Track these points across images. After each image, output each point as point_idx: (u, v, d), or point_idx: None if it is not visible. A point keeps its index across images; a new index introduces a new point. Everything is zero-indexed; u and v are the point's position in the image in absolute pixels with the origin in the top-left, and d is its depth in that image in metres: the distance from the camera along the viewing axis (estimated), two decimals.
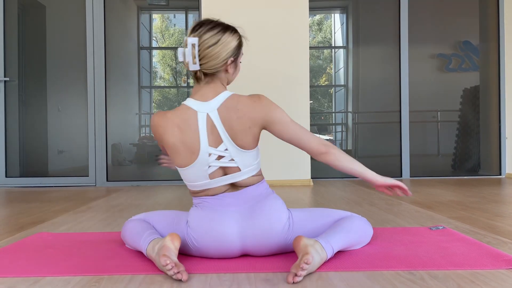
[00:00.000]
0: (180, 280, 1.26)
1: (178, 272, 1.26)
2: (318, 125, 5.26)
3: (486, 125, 4.84)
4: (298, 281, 1.23)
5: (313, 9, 5.13)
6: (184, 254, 1.51)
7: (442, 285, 1.19)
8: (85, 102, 4.41)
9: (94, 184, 4.37)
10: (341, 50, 5.22)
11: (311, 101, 5.01)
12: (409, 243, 1.65)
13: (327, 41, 5.43)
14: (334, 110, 5.30)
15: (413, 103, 4.70)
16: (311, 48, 5.00)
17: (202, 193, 1.52)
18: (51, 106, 4.57)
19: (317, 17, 5.35)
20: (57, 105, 4.57)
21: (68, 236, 1.90)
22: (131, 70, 4.81)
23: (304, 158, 3.96)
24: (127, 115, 4.71)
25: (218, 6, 4.15)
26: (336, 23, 5.29)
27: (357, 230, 1.54)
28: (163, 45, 5.08)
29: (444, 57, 4.79)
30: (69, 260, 1.49)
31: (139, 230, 1.57)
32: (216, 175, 1.49)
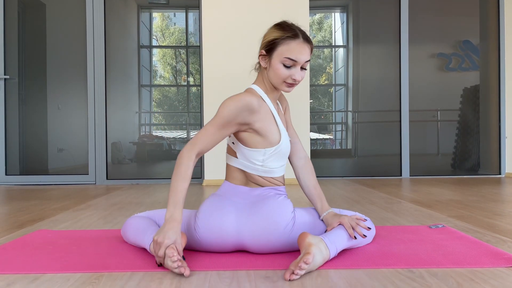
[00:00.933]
0: (182, 275, 1.27)
1: (182, 266, 1.26)
2: (318, 124, 5.26)
3: (486, 125, 4.84)
4: (295, 279, 1.23)
5: (314, 8, 5.13)
6: (187, 249, 1.51)
7: (441, 283, 1.19)
8: (85, 101, 4.41)
9: (94, 182, 4.37)
10: (341, 49, 5.22)
11: (311, 100, 5.01)
12: (409, 242, 1.65)
13: (327, 40, 5.42)
14: (334, 109, 5.29)
15: (413, 103, 4.70)
16: None
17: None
18: (51, 104, 4.57)
19: (317, 16, 5.34)
20: (57, 103, 4.57)
21: (67, 234, 1.90)
22: (131, 68, 4.80)
23: None
24: (127, 114, 4.71)
25: (219, 5, 4.15)
26: (336, 22, 5.29)
27: (361, 231, 1.54)
28: (163, 44, 5.08)
29: (444, 56, 4.79)
30: (68, 257, 1.49)
31: (143, 227, 1.57)
32: None
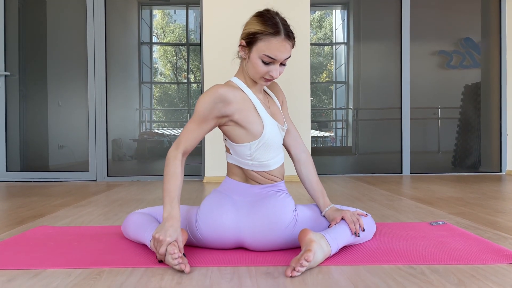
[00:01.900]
0: (182, 272, 1.27)
1: (182, 263, 1.26)
2: (319, 121, 5.25)
3: (486, 122, 4.84)
4: (296, 276, 1.23)
5: (314, 5, 5.12)
6: (188, 246, 1.52)
7: (442, 279, 1.19)
8: (86, 97, 4.41)
9: (95, 179, 4.37)
10: (342, 47, 5.21)
11: (312, 98, 5.00)
12: (410, 238, 1.66)
13: (328, 38, 5.41)
14: (334, 107, 5.28)
15: (414, 100, 4.69)
16: (312, 44, 4.99)
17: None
18: (51, 101, 4.56)
19: (317, 13, 5.33)
20: (57, 100, 4.57)
21: (68, 230, 1.90)
22: (131, 65, 4.80)
23: None
24: (128, 111, 4.71)
25: (219, 2, 4.14)
26: (337, 19, 5.28)
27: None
28: (164, 41, 5.07)
29: (445, 54, 4.78)
30: (70, 253, 1.49)
31: (144, 223, 1.57)
32: None
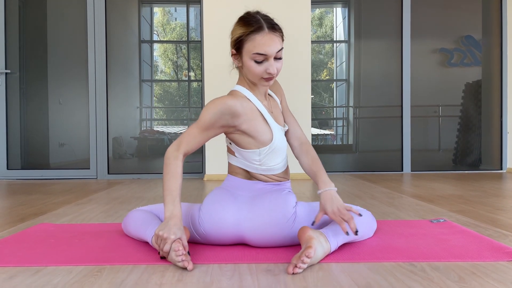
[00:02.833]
0: (184, 269, 1.27)
1: (185, 260, 1.26)
2: (319, 119, 5.25)
3: (487, 120, 4.83)
4: (298, 273, 1.23)
5: (315, 3, 5.11)
6: (190, 242, 1.52)
7: (443, 277, 1.19)
8: (86, 95, 4.41)
9: (95, 177, 4.38)
10: (342, 45, 5.20)
11: (312, 96, 5.00)
12: (410, 236, 1.66)
13: (328, 36, 5.40)
14: (335, 105, 5.28)
15: (414, 98, 4.69)
16: (312, 42, 4.98)
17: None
18: (52, 99, 4.56)
19: (318, 11, 5.32)
20: (58, 98, 4.57)
21: (69, 227, 1.90)
22: (132, 63, 4.79)
23: None
24: (128, 109, 4.71)
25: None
26: (337, 17, 5.27)
27: (362, 224, 1.53)
28: (165, 39, 5.07)
29: (446, 51, 4.78)
30: (71, 250, 1.49)
31: (145, 220, 1.57)
32: None
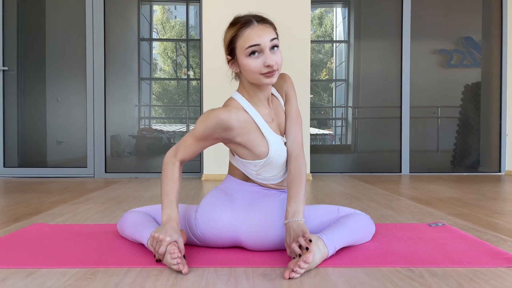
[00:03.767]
0: (179, 273, 1.25)
1: (181, 263, 1.25)
2: (318, 119, 5.24)
3: (486, 122, 4.82)
4: (295, 278, 1.22)
5: (315, 2, 5.09)
6: (186, 245, 1.51)
7: (441, 283, 1.18)
8: (85, 93, 4.38)
9: (93, 176, 4.36)
10: (342, 45, 5.18)
11: (312, 96, 4.98)
12: (408, 240, 1.64)
13: (328, 36, 5.39)
14: (334, 105, 5.27)
15: (413, 99, 4.68)
16: (312, 42, 4.97)
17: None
18: (50, 97, 4.54)
19: (318, 11, 5.31)
20: (56, 96, 4.55)
21: (64, 228, 1.88)
22: (131, 61, 4.77)
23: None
24: (127, 107, 4.69)
25: None
26: (337, 17, 5.25)
27: (360, 228, 1.52)
28: (164, 37, 5.05)
29: (445, 52, 4.76)
30: (65, 252, 1.48)
31: (141, 222, 1.56)
32: None
